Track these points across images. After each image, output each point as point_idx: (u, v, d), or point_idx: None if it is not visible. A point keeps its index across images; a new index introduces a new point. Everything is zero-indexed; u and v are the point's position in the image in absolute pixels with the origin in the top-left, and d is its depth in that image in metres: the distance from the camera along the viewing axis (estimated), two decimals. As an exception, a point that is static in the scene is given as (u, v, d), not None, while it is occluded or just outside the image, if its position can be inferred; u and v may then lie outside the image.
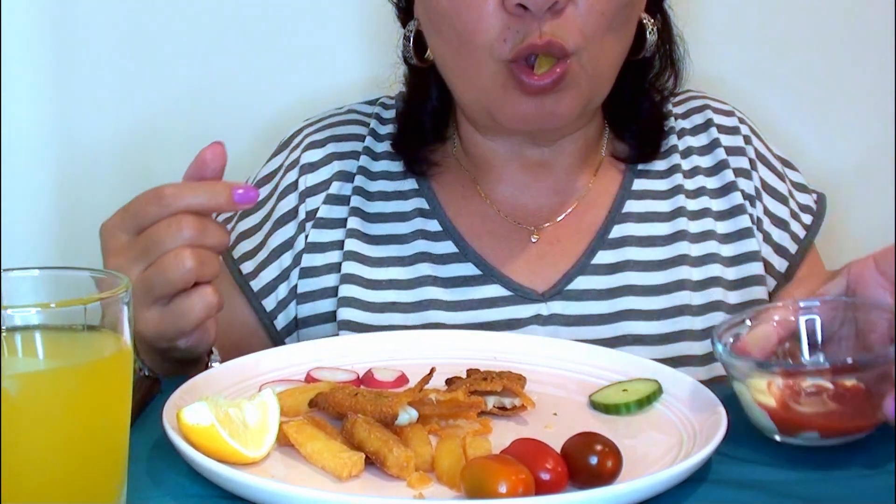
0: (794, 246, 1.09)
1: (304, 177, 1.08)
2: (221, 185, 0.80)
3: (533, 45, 0.92)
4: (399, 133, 1.10)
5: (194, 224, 0.78)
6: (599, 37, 0.94)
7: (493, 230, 1.06)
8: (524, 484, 0.60)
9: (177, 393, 0.73)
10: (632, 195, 1.08)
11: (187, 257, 0.77)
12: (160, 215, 0.79)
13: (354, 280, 1.04)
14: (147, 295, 0.79)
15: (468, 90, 1.00)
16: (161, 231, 0.78)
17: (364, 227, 1.06)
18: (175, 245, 0.78)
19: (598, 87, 0.99)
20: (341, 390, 0.74)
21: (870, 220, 1.44)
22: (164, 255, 0.78)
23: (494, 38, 0.94)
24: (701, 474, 0.67)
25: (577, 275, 1.03)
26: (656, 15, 1.05)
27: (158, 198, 0.79)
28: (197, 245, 0.78)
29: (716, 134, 1.11)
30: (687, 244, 1.05)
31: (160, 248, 0.78)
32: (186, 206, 0.78)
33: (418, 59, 1.05)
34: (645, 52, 1.03)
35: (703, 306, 1.03)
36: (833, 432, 0.70)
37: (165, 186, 0.79)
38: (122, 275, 0.60)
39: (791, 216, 1.10)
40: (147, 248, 0.79)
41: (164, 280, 0.78)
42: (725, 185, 1.08)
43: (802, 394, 0.69)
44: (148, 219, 0.79)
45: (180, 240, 0.78)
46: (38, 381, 0.56)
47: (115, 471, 0.59)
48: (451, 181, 1.09)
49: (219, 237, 0.81)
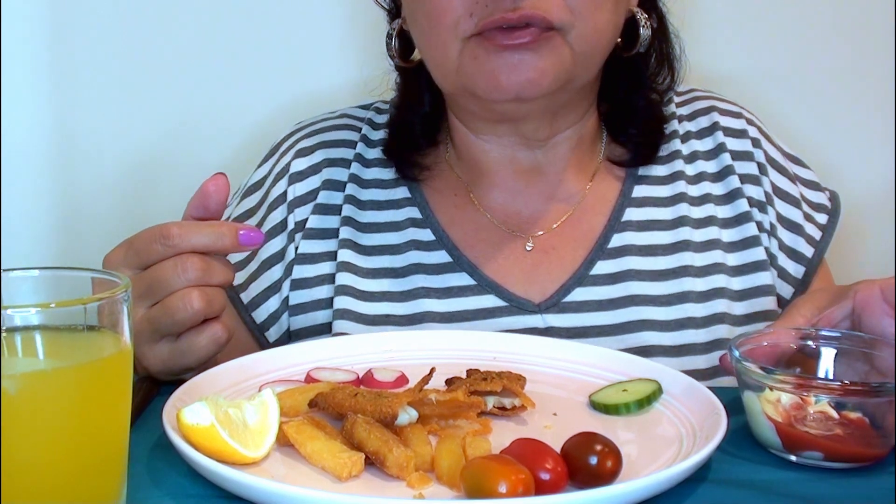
0: (811, 249, 1.07)
1: (292, 186, 1.07)
2: (227, 227, 0.80)
3: (504, 18, 0.90)
4: (390, 137, 1.08)
5: (200, 265, 0.78)
6: (587, 13, 0.92)
7: (487, 238, 1.04)
8: (524, 484, 0.60)
9: (177, 393, 0.73)
10: (632, 202, 1.05)
11: (195, 298, 0.78)
12: (165, 255, 0.78)
13: (348, 291, 1.02)
14: (154, 333, 0.80)
15: (444, 76, 0.98)
16: (167, 271, 0.78)
17: (356, 238, 1.05)
18: (181, 285, 0.78)
19: (583, 66, 0.96)
20: (341, 390, 0.74)
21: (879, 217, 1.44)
22: (171, 295, 0.78)
23: (461, 14, 0.92)
24: (701, 474, 0.67)
25: (575, 286, 1.01)
26: (651, 13, 1.03)
27: (164, 237, 0.78)
28: (203, 284, 0.78)
29: (722, 138, 1.08)
30: (690, 254, 1.03)
31: (166, 288, 0.78)
32: (192, 248, 0.78)
33: (402, 59, 1.04)
34: (639, 47, 1.01)
35: (706, 318, 1.01)
36: (837, 455, 0.69)
37: (171, 226, 0.79)
38: (121, 275, 0.60)
39: (805, 219, 1.07)
40: (152, 287, 0.79)
41: (171, 321, 0.78)
42: (731, 191, 1.06)
43: (809, 418, 0.69)
44: (153, 258, 0.79)
45: (186, 280, 0.78)
46: (38, 381, 0.56)
47: (115, 471, 0.59)
48: (443, 187, 1.07)
49: (224, 275, 0.81)
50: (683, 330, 1.00)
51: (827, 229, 1.08)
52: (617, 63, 1.01)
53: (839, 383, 0.71)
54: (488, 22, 0.90)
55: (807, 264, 1.06)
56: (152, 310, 0.79)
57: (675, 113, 1.10)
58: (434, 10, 0.93)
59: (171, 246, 0.78)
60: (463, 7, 0.92)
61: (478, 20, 0.91)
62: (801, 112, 1.41)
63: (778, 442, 0.71)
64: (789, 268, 1.06)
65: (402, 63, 1.05)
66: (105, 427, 0.58)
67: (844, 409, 0.69)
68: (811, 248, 1.07)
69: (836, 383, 0.72)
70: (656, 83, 1.08)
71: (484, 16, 0.91)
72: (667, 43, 1.07)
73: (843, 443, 0.69)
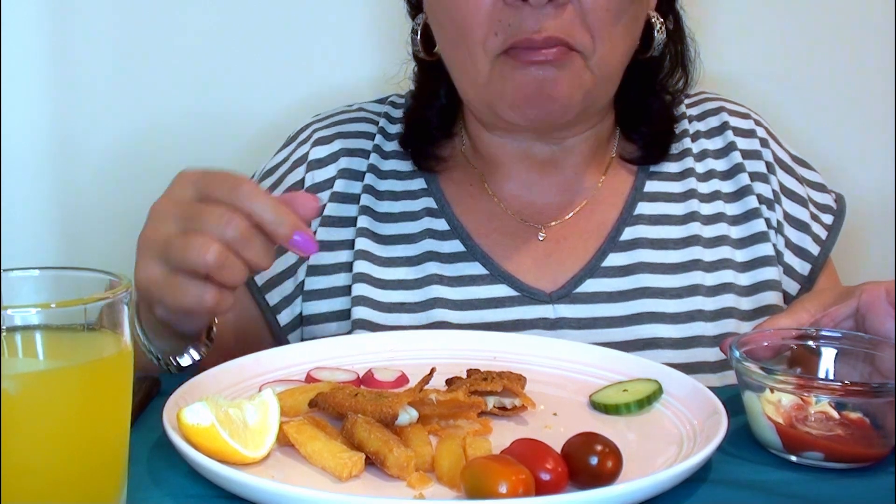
0: (816, 248, 1.08)
1: (311, 173, 1.08)
2: (292, 218, 0.75)
3: (529, 40, 0.91)
4: (407, 129, 1.10)
5: (243, 230, 0.74)
6: (607, 34, 0.93)
7: (500, 228, 1.06)
8: (524, 484, 0.60)
9: (177, 393, 0.73)
10: (644, 197, 1.07)
11: (212, 251, 0.74)
12: (223, 199, 0.75)
13: (366, 279, 1.03)
14: (161, 253, 0.76)
15: (468, 87, 1.00)
16: (213, 214, 0.75)
17: (374, 227, 1.06)
18: (212, 234, 0.74)
19: (603, 88, 0.99)
20: (341, 390, 0.74)
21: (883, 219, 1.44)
22: (196, 233, 0.75)
23: (488, 32, 0.93)
24: (701, 474, 0.67)
25: (586, 277, 1.03)
26: (668, 15, 1.05)
27: (234, 186, 0.75)
28: (232, 249, 0.75)
29: (731, 137, 1.10)
30: (700, 249, 1.04)
31: (199, 226, 0.75)
32: (250, 211, 0.75)
33: (426, 53, 1.05)
34: (653, 50, 1.03)
35: (716, 312, 1.02)
36: (838, 456, 0.69)
37: (245, 180, 0.76)
38: (122, 275, 0.60)
39: (811, 218, 1.09)
40: (191, 217, 0.76)
41: (179, 255, 0.75)
42: (740, 188, 1.08)
43: (810, 418, 0.69)
44: (213, 195, 0.76)
45: (220, 234, 0.74)
46: (38, 381, 0.56)
47: (115, 471, 0.59)
48: (459, 178, 1.09)
49: (258, 257, 0.76)
50: (693, 322, 1.01)
51: (832, 229, 1.10)
52: (632, 64, 1.01)
53: (840, 384, 0.71)
54: (515, 42, 0.92)
55: (813, 262, 1.08)
56: (174, 234, 0.76)
57: (686, 113, 1.12)
58: (462, 23, 0.94)
59: (233, 197, 0.75)
60: (488, 25, 0.93)
61: (504, 39, 0.93)
62: (806, 115, 1.42)
63: (778, 442, 0.71)
64: (795, 265, 1.07)
65: (427, 57, 1.06)
66: (105, 427, 0.58)
67: (845, 409, 0.69)
68: (817, 246, 1.08)
69: (836, 384, 0.72)
70: (670, 85, 1.09)
71: (508, 35, 0.92)
72: (682, 45, 1.09)
73: (843, 443, 0.69)
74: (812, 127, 1.41)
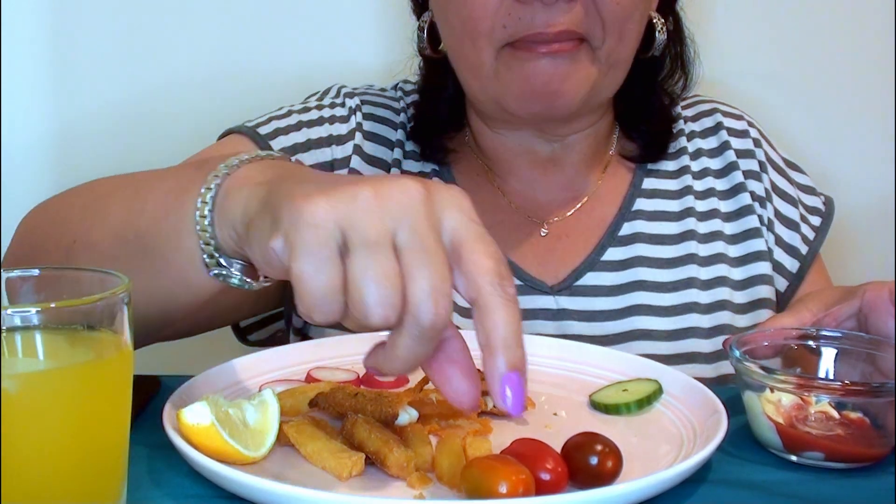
0: (805, 247, 1.11)
1: (360, 124, 1.06)
2: (448, 299, 0.57)
3: (540, 33, 0.91)
4: (415, 121, 1.10)
5: (395, 277, 0.56)
6: (617, 28, 0.94)
7: (504, 220, 1.07)
8: (524, 484, 0.60)
9: (177, 393, 0.73)
10: (642, 193, 1.09)
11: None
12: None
13: None
14: (341, 201, 0.57)
15: (473, 80, 1.00)
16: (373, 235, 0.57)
17: None
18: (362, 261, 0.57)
19: (611, 80, 0.99)
20: (341, 390, 0.74)
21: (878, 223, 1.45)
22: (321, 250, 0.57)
23: (495, 24, 0.93)
24: (701, 474, 0.67)
25: (586, 270, 1.05)
26: (668, 16, 1.06)
27: (419, 208, 0.57)
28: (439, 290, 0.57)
29: (726, 137, 1.12)
30: (695, 244, 1.07)
31: (358, 236, 0.57)
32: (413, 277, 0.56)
33: (432, 50, 1.05)
34: (654, 50, 1.04)
35: (710, 305, 1.05)
36: (838, 456, 0.70)
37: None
38: (122, 275, 0.60)
39: (801, 218, 1.11)
40: (353, 226, 0.57)
41: (301, 250, 0.57)
42: (734, 186, 1.10)
43: (810, 418, 0.69)
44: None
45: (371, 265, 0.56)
46: (38, 381, 0.56)
47: (115, 471, 0.59)
48: (466, 169, 1.10)
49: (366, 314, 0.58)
50: (687, 314, 1.03)
51: (820, 230, 1.13)
52: (633, 64, 1.02)
53: (840, 383, 0.71)
54: (525, 35, 0.92)
55: (801, 259, 1.10)
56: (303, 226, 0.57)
57: (681, 114, 1.14)
58: (469, 16, 0.94)
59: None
60: (497, 17, 0.93)
61: (512, 31, 0.92)
62: (799, 119, 1.43)
63: (778, 442, 0.71)
64: (785, 262, 1.10)
65: (433, 54, 1.06)
66: (105, 427, 0.58)
67: (845, 409, 0.69)
68: (805, 245, 1.11)
69: (836, 383, 0.72)
70: (669, 85, 1.11)
71: (518, 28, 0.92)
72: (682, 46, 1.10)
73: (843, 443, 0.69)
74: (807, 130, 1.42)
